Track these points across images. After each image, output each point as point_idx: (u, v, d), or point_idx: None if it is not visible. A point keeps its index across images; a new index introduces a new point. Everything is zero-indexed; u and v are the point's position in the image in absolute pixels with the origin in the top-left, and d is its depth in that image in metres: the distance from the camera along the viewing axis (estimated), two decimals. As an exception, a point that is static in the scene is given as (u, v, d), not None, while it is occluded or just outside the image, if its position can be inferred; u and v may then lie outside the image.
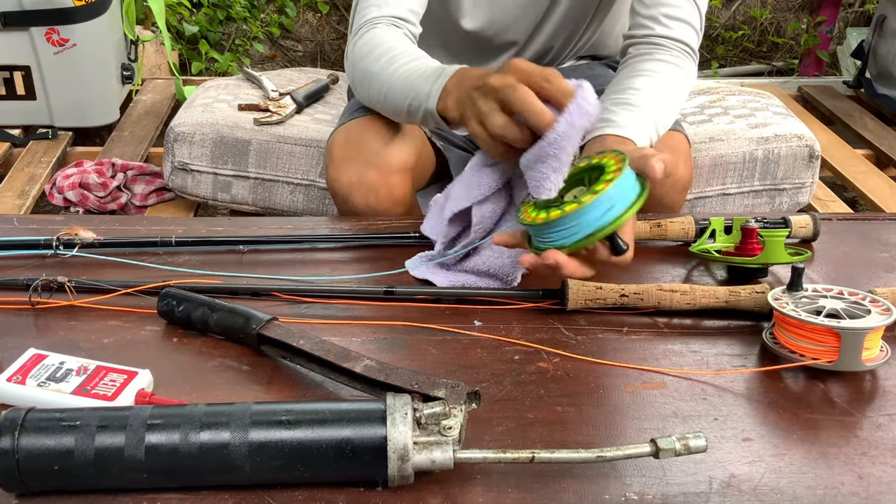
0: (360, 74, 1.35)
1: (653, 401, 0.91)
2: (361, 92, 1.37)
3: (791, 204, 2.12)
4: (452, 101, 1.16)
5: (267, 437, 0.73)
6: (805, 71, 3.95)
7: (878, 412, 0.89)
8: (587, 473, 0.79)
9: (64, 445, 0.72)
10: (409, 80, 1.24)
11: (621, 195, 0.97)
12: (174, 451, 0.73)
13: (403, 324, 1.04)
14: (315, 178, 2.06)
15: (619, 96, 1.26)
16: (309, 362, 0.91)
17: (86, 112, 2.68)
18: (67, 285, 1.07)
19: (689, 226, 1.24)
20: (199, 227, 1.31)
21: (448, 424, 0.75)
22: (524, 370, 0.95)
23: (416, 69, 1.25)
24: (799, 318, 0.94)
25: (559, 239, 0.98)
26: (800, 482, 0.79)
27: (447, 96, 1.17)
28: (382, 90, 1.30)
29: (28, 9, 2.51)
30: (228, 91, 2.33)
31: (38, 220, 1.36)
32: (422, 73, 1.23)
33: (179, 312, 1.01)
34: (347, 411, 0.75)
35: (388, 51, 1.31)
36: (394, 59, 1.29)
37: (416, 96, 1.22)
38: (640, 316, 1.07)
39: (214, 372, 0.94)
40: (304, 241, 1.26)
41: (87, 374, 0.88)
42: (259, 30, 4.10)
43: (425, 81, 1.21)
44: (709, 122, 2.17)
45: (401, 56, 1.29)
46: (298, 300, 1.09)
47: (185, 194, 2.16)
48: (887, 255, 1.26)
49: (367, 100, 1.37)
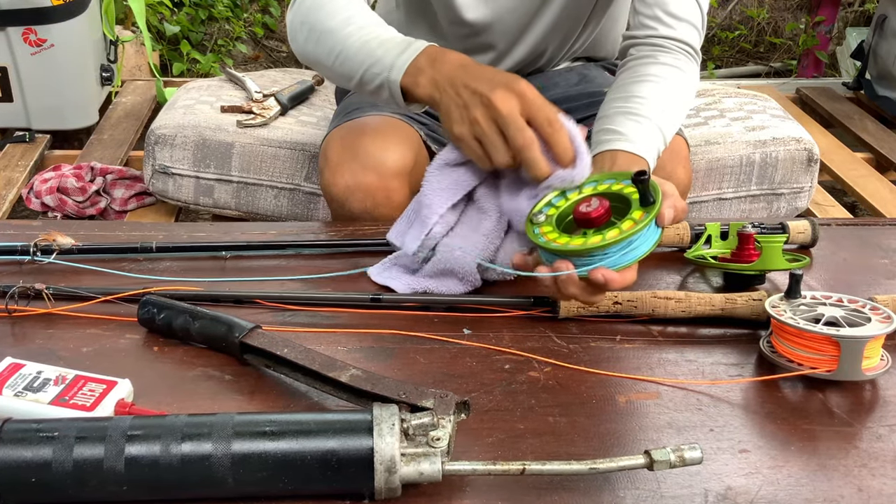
0: (308, 26, 1.29)
1: (647, 411, 0.90)
2: (306, 46, 1.31)
3: (789, 209, 2.11)
4: (426, 80, 1.13)
5: (250, 449, 0.73)
6: (803, 72, 3.94)
7: (879, 423, 0.89)
8: (579, 486, 0.78)
9: (41, 457, 0.71)
10: (368, 46, 1.21)
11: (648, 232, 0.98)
12: (155, 463, 0.72)
13: (390, 332, 1.03)
14: (300, 182, 2.04)
15: (625, 105, 1.24)
16: (293, 372, 0.90)
17: (64, 114, 2.66)
18: (45, 292, 1.06)
19: (684, 231, 1.23)
20: (180, 233, 1.30)
21: (436, 435, 0.74)
22: (515, 380, 0.95)
23: (377, 36, 1.22)
24: (797, 326, 0.93)
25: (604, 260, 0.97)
26: (798, 495, 0.78)
27: (418, 73, 1.14)
28: (335, 50, 1.25)
29: (4, 8, 2.48)
30: (211, 92, 2.31)
31: (15, 225, 1.35)
32: (383, 42, 1.20)
33: (160, 320, 1.00)
34: (333, 422, 0.75)
35: (344, 8, 1.27)
36: (350, 19, 1.25)
37: (376, 64, 1.19)
38: (634, 324, 1.07)
39: (196, 381, 0.94)
40: (289, 247, 1.24)
41: (66, 384, 0.87)
42: (242, 30, 4.08)
43: (389, 51, 1.18)
44: (705, 124, 2.17)
45: (358, 17, 1.25)
46: (283, 308, 1.08)
47: (166, 199, 2.14)
48: (888, 262, 1.26)
49: (312, 56, 1.31)
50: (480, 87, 1.07)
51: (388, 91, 1.18)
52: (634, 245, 0.96)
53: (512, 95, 1.05)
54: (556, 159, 1.04)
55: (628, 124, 1.21)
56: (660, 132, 1.22)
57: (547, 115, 1.04)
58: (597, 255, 0.96)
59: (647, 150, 1.19)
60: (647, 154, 1.18)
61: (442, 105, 1.11)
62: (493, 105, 1.05)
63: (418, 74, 1.14)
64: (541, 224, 1.02)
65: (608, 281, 0.95)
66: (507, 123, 1.04)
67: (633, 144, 1.18)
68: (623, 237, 0.94)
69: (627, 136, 1.19)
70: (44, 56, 2.55)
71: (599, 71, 1.70)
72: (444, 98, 1.11)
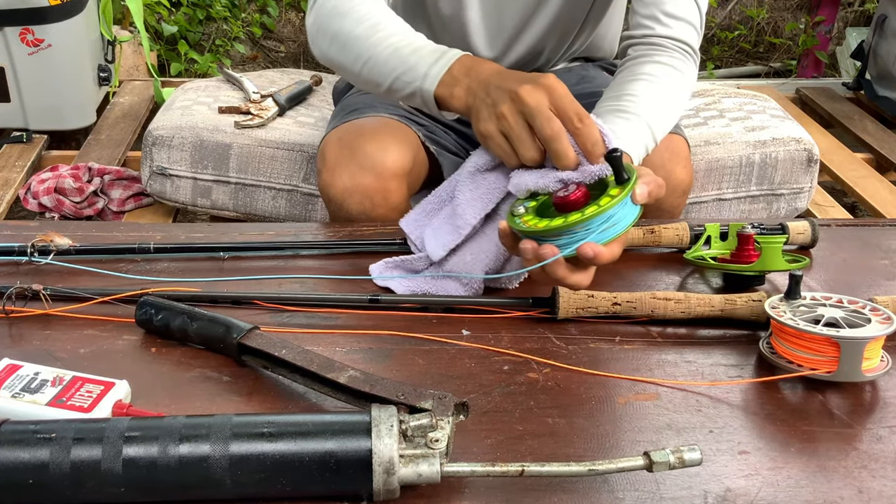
0: (332, 32, 1.29)
1: (646, 412, 0.90)
2: (329, 51, 1.30)
3: (789, 209, 2.10)
4: (461, 91, 1.13)
5: (248, 450, 0.72)
6: (803, 72, 3.94)
7: (879, 424, 0.89)
8: (578, 487, 0.78)
9: (39, 458, 0.71)
10: (400, 54, 1.20)
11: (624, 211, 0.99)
12: (152, 465, 0.72)
13: (389, 333, 1.03)
14: (298, 183, 2.03)
15: (615, 103, 1.24)
16: (291, 373, 0.90)
17: (61, 114, 2.66)
18: (42, 293, 1.05)
19: (683, 232, 1.23)
20: (178, 234, 1.29)
21: (435, 437, 0.74)
22: (513, 381, 0.94)
23: (408, 43, 1.21)
24: (797, 327, 0.93)
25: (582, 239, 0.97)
26: (798, 496, 0.78)
27: (454, 83, 1.14)
28: (363, 56, 1.24)
29: (1, 8, 2.48)
30: (208, 93, 2.30)
31: (13, 226, 1.35)
32: (415, 50, 1.20)
33: (158, 321, 1.00)
34: (331, 423, 0.75)
35: (370, 15, 1.26)
36: (377, 26, 1.24)
37: (408, 73, 1.18)
38: (633, 325, 1.06)
39: (194, 383, 0.93)
40: (287, 248, 1.24)
41: (63, 385, 0.86)
42: (240, 30, 4.08)
43: (422, 60, 1.18)
44: (704, 125, 2.17)
45: (385, 24, 1.25)
46: (281, 309, 1.08)
47: (163, 199, 2.13)
48: (888, 262, 1.25)
49: (336, 61, 1.30)
50: (509, 84, 1.06)
51: (421, 99, 1.18)
52: (614, 220, 0.96)
53: (539, 89, 1.04)
54: (586, 154, 1.02)
55: (616, 121, 1.21)
56: (649, 129, 1.22)
57: (577, 110, 1.03)
58: (578, 231, 0.96)
59: (633, 146, 1.19)
60: (633, 150, 1.18)
61: (473, 108, 1.10)
62: (520, 98, 1.04)
63: (454, 85, 1.14)
64: (521, 216, 1.02)
65: (596, 254, 0.95)
66: (534, 115, 1.03)
67: (618, 140, 1.18)
68: (601, 211, 0.95)
69: (614, 132, 1.19)
70: (41, 56, 2.54)
71: (598, 71, 1.70)
72: (476, 101, 1.10)
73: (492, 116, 1.07)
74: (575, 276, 0.99)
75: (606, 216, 0.95)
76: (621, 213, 0.97)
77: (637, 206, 0.99)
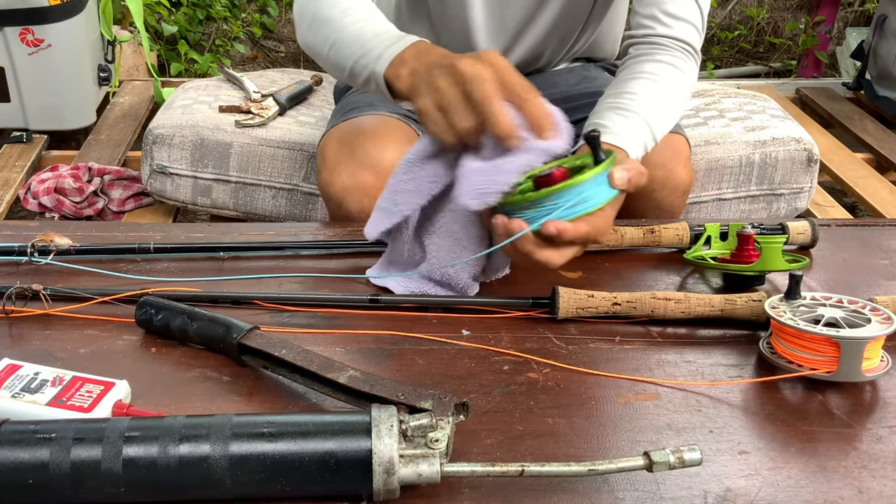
0: (310, 14, 1.29)
1: (646, 412, 0.90)
2: (307, 35, 1.30)
3: (789, 209, 2.11)
4: (406, 71, 1.10)
5: (248, 450, 0.72)
6: (803, 72, 3.94)
7: (879, 424, 0.88)
8: (578, 487, 0.77)
9: (39, 458, 0.71)
10: (362, 38, 1.19)
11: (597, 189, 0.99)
12: (152, 465, 0.71)
13: (389, 333, 1.03)
14: (298, 183, 2.03)
15: (615, 101, 1.24)
16: (291, 373, 0.90)
17: (61, 114, 2.66)
18: (42, 293, 1.05)
19: (683, 232, 1.23)
20: (178, 234, 1.29)
21: (435, 437, 0.74)
22: (513, 381, 0.94)
23: (372, 28, 1.20)
24: (797, 327, 0.93)
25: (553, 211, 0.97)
26: (798, 496, 0.78)
27: (401, 64, 1.12)
28: (331, 39, 1.24)
29: (2, 8, 2.48)
30: (209, 92, 2.30)
31: (13, 226, 1.35)
32: (377, 34, 1.19)
33: (158, 321, 1.00)
34: (331, 423, 0.75)
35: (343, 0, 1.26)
36: (349, 10, 1.24)
37: (366, 55, 1.17)
38: (633, 325, 1.06)
39: (194, 383, 0.93)
40: (287, 248, 1.24)
41: (63, 385, 0.86)
42: (240, 30, 4.08)
43: (379, 43, 1.16)
44: (704, 125, 2.17)
45: (356, 9, 1.24)
46: (281, 309, 1.08)
47: (163, 199, 2.13)
48: (888, 262, 1.25)
49: (311, 45, 1.30)
50: (449, 60, 1.03)
51: (375, 83, 1.16)
52: (584, 197, 0.96)
53: (480, 62, 1.01)
54: (532, 127, 0.99)
55: (615, 118, 1.21)
56: (647, 127, 1.22)
57: (521, 82, 1.00)
58: (547, 205, 0.96)
59: (631, 143, 1.18)
60: (630, 146, 1.18)
61: (414, 87, 1.08)
62: (457, 70, 1.01)
63: (401, 66, 1.12)
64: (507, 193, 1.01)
65: (560, 231, 0.95)
66: (466, 81, 0.99)
67: (617, 137, 1.17)
68: (571, 185, 0.95)
69: (611, 128, 1.19)
70: (41, 56, 2.54)
71: (599, 71, 1.70)
72: (416, 80, 1.07)
73: (429, 91, 1.04)
74: (543, 252, 0.99)
75: (577, 191, 0.96)
76: (593, 192, 0.97)
77: (614, 189, 0.99)
